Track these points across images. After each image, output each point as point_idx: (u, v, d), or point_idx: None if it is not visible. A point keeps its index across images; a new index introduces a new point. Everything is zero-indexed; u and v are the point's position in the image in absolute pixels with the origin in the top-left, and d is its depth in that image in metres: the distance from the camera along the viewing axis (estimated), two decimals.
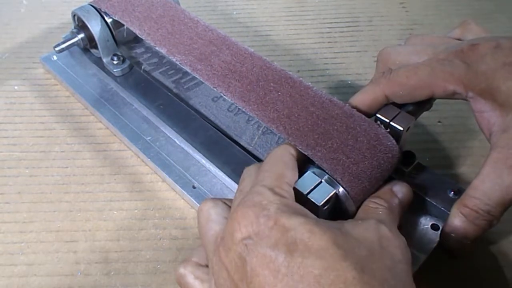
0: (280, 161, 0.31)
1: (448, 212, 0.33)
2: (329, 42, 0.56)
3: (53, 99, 0.50)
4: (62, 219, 0.40)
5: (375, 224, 0.27)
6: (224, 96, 0.37)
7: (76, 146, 0.45)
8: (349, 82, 0.51)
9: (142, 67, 0.49)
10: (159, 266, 0.37)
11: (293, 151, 0.32)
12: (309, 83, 0.36)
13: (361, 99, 0.35)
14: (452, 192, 0.36)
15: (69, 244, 0.38)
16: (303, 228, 0.25)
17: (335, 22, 0.59)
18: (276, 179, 0.29)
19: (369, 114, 0.35)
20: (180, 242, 0.38)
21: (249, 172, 0.31)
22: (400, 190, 0.32)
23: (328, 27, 0.58)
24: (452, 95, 0.33)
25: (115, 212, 0.40)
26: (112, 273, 0.36)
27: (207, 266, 0.29)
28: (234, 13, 0.60)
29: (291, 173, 0.30)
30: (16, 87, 0.51)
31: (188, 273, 0.29)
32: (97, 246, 0.38)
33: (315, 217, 0.27)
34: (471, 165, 0.43)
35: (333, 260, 0.23)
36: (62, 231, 0.39)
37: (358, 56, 0.54)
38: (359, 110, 0.35)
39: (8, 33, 0.58)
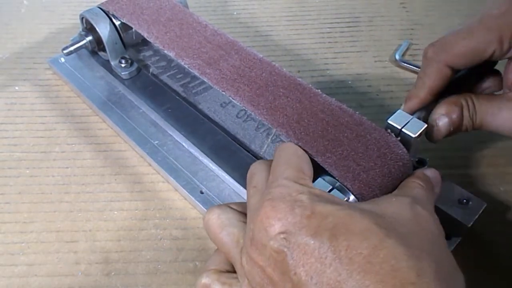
0: (294, 155, 0.30)
1: (457, 218, 0.34)
2: (329, 42, 0.56)
3: (53, 100, 0.50)
4: (62, 219, 0.40)
5: (409, 203, 0.27)
6: (233, 100, 0.36)
7: (77, 147, 0.45)
8: (350, 82, 0.51)
9: (150, 70, 0.48)
10: (159, 266, 0.37)
11: None
12: (319, 90, 0.36)
13: (431, 83, 0.34)
14: (464, 200, 0.36)
15: (69, 245, 0.38)
16: (341, 213, 0.25)
17: (335, 22, 0.59)
18: (297, 172, 0.29)
19: (440, 95, 0.35)
20: (181, 243, 0.38)
21: (259, 167, 0.31)
22: (431, 175, 0.32)
23: (329, 27, 0.58)
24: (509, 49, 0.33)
25: (115, 213, 0.40)
26: (112, 273, 0.36)
27: (227, 271, 0.29)
28: (235, 13, 0.60)
29: (308, 167, 0.30)
30: (16, 88, 0.51)
31: (214, 281, 0.29)
32: (98, 246, 0.38)
33: (347, 202, 0.27)
34: (471, 166, 0.43)
35: (379, 239, 0.23)
36: (62, 231, 0.39)
37: (358, 56, 0.54)
38: (433, 94, 0.34)
39: (9, 33, 0.58)
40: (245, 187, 0.38)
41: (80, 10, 0.47)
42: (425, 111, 0.35)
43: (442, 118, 0.34)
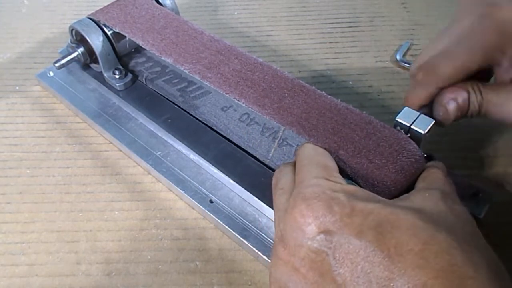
0: (316, 153, 0.30)
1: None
2: (330, 43, 0.56)
3: (54, 100, 0.50)
4: (63, 220, 0.40)
5: (442, 197, 0.26)
6: (238, 102, 0.36)
7: (77, 147, 0.45)
8: (351, 82, 0.51)
9: (144, 75, 0.46)
10: (160, 266, 0.37)
11: None
12: (323, 92, 0.36)
13: (417, 97, 0.36)
14: (473, 192, 0.36)
15: (70, 245, 0.38)
16: (383, 211, 0.24)
17: (336, 23, 0.59)
18: (325, 170, 0.28)
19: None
20: (181, 243, 0.38)
21: (283, 171, 0.31)
22: (441, 166, 0.32)
23: (330, 28, 0.58)
24: (491, 61, 0.34)
25: (116, 213, 0.40)
26: (113, 273, 0.36)
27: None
28: (236, 13, 0.60)
29: (332, 163, 0.30)
30: (17, 87, 0.51)
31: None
32: (98, 246, 0.38)
33: (383, 199, 0.26)
34: (473, 167, 0.43)
35: (429, 234, 0.23)
36: (63, 231, 0.39)
37: (359, 57, 0.54)
38: (418, 105, 0.36)
39: (9, 33, 0.58)
40: (254, 195, 0.38)
41: (81, 10, 0.47)
42: (426, 107, 0.36)
43: (451, 103, 0.34)
